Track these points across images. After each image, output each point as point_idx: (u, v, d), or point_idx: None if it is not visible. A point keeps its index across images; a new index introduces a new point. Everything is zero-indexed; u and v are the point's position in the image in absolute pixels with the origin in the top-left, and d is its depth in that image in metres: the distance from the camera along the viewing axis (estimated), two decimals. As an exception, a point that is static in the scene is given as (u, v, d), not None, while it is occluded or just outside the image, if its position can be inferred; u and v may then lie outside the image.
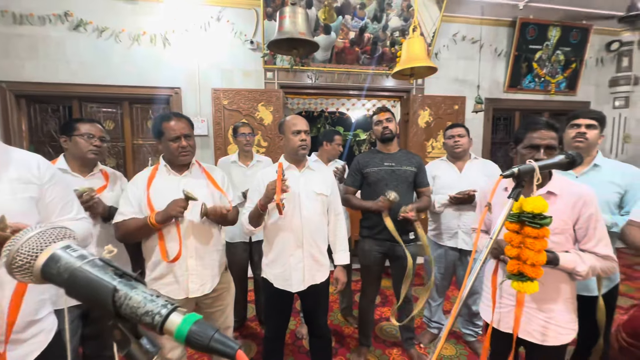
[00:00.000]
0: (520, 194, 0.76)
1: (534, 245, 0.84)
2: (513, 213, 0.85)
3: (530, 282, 0.87)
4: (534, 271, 0.86)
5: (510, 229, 0.89)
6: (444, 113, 3.86)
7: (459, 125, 2.04)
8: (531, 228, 0.85)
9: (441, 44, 3.78)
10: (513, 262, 0.90)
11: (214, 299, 1.43)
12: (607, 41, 4.12)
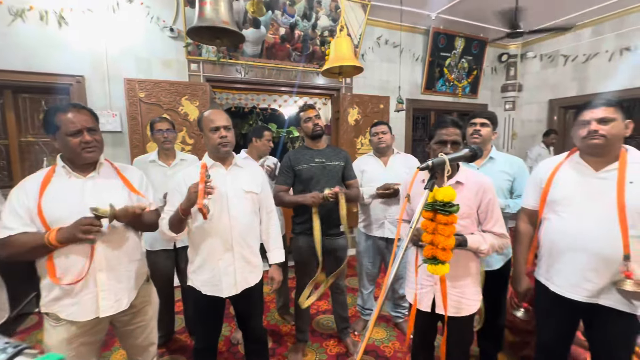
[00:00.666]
0: (434, 184, 0.85)
1: (444, 231, 0.94)
2: (428, 202, 0.94)
3: (442, 265, 0.97)
4: (444, 254, 0.96)
5: (426, 217, 0.98)
6: (371, 111, 4.09)
7: (382, 123, 2.18)
8: (442, 215, 0.94)
9: (367, 46, 3.99)
10: (428, 248, 0.99)
11: (133, 314, 1.27)
12: (499, 53, 4.86)
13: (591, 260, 1.19)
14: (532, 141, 4.75)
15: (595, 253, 1.18)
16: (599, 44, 3.94)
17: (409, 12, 3.82)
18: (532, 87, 4.74)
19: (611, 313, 1.18)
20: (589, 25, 3.98)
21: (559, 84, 4.38)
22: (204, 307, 1.39)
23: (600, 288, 1.18)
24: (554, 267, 1.30)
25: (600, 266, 1.17)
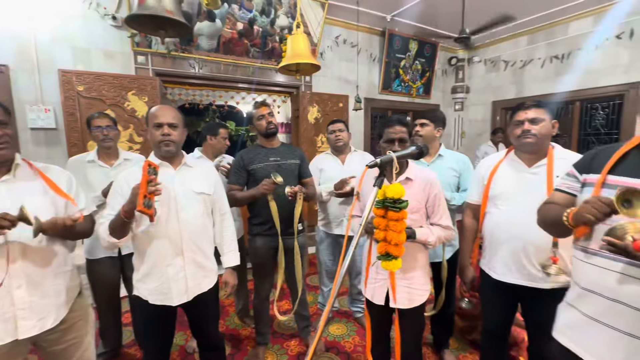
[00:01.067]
0: (383, 182, 0.86)
1: (396, 227, 0.98)
2: (379, 200, 0.96)
3: (395, 260, 1.00)
4: (397, 250, 1.00)
5: (378, 214, 1.00)
6: (330, 110, 4.12)
7: (338, 121, 2.20)
8: (393, 211, 0.97)
9: (325, 45, 4.01)
10: (381, 244, 1.02)
11: (63, 332, 1.13)
12: (448, 57, 5.16)
13: (526, 248, 1.31)
14: (479, 139, 5.13)
15: (529, 241, 1.30)
16: (533, 51, 4.35)
17: (365, 13, 3.90)
18: (478, 90, 5.10)
19: (546, 294, 1.30)
20: (525, 34, 4.38)
21: (501, 86, 4.77)
22: (153, 318, 1.30)
23: (535, 273, 1.30)
24: (495, 256, 1.41)
25: (534, 253, 1.29)
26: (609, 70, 3.66)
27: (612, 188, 0.85)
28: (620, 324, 0.81)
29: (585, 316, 0.89)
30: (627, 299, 0.79)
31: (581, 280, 0.91)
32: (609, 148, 0.94)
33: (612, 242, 0.71)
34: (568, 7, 3.73)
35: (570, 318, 0.94)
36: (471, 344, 2.06)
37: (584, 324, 0.89)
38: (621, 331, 0.81)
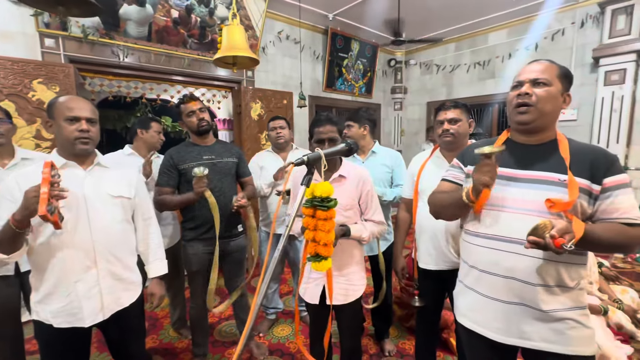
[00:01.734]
0: (310, 180, 0.84)
1: (324, 227, 0.95)
2: (308, 199, 0.94)
3: (325, 261, 0.98)
4: (326, 250, 0.97)
5: (307, 214, 0.97)
6: (274, 107, 4.03)
7: (279, 118, 2.15)
8: (321, 211, 0.95)
9: (268, 40, 3.91)
10: (310, 245, 0.99)
11: None
12: (388, 58, 5.42)
13: (447, 238, 1.42)
14: (417, 137, 5.48)
15: (448, 231, 1.42)
16: (460, 57, 4.77)
17: (308, 11, 3.89)
18: (414, 91, 5.45)
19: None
20: (453, 41, 4.79)
21: (434, 88, 5.16)
22: (59, 344, 1.11)
23: (454, 259, 1.42)
24: (422, 246, 1.51)
25: (452, 241, 1.42)
26: (520, 77, 4.17)
27: (497, 178, 0.95)
28: (514, 298, 0.92)
29: (483, 296, 0.99)
30: (520, 275, 0.91)
31: (478, 263, 1.00)
32: (485, 142, 1.09)
33: (535, 242, 0.79)
34: (486, 20, 4.16)
35: (469, 300, 1.04)
36: (409, 330, 2.19)
37: (483, 303, 0.99)
38: (514, 303, 0.93)
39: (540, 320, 0.91)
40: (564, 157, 0.90)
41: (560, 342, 0.89)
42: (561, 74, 0.94)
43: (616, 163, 0.89)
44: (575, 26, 3.65)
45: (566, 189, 0.86)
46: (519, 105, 0.94)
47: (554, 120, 0.96)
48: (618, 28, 3.21)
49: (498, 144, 1.01)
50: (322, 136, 1.31)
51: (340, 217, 1.31)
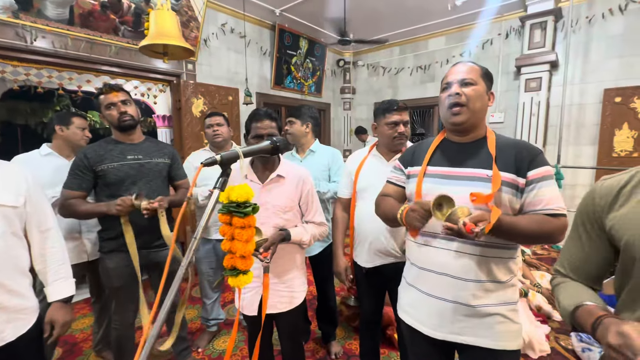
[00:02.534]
0: (226, 182, 0.73)
1: (241, 236, 0.84)
2: (224, 204, 0.83)
3: (243, 275, 0.87)
4: (244, 263, 0.86)
5: (223, 221, 0.86)
6: (219, 103, 3.81)
7: (216, 114, 1.99)
8: (237, 218, 0.83)
9: (210, 31, 3.67)
10: (227, 257, 0.88)
11: None
12: (337, 59, 5.46)
13: (387, 235, 1.42)
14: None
15: (388, 228, 1.41)
16: (403, 61, 4.98)
17: (253, 4, 3.74)
18: (362, 91, 5.57)
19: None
20: (397, 44, 4.98)
21: (380, 90, 5.32)
22: None
23: (397, 256, 1.42)
24: (363, 246, 1.50)
25: (393, 238, 1.42)
26: (457, 82, 4.48)
27: (431, 177, 1.01)
28: (448, 294, 0.95)
29: (422, 292, 1.02)
30: (452, 271, 0.94)
31: (418, 260, 1.04)
32: (423, 143, 1.12)
33: (449, 227, 0.82)
34: (427, 26, 4.40)
35: (410, 297, 1.07)
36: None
37: (421, 300, 1.02)
38: (448, 300, 0.95)
39: (471, 316, 0.94)
40: (492, 153, 0.93)
41: (489, 337, 0.93)
42: (483, 74, 0.99)
43: (539, 156, 0.92)
44: (501, 37, 4.02)
45: (491, 183, 0.90)
46: (451, 105, 0.97)
47: (483, 118, 1.00)
48: (535, 41, 3.60)
49: (435, 144, 1.06)
50: (261, 131, 1.22)
51: (279, 220, 1.24)
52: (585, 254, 0.70)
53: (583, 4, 3.46)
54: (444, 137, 1.07)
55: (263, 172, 1.27)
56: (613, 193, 0.64)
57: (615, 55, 3.35)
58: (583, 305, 0.62)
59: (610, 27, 3.38)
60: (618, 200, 0.63)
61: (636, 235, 0.57)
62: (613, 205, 0.64)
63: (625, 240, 0.59)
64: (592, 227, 0.68)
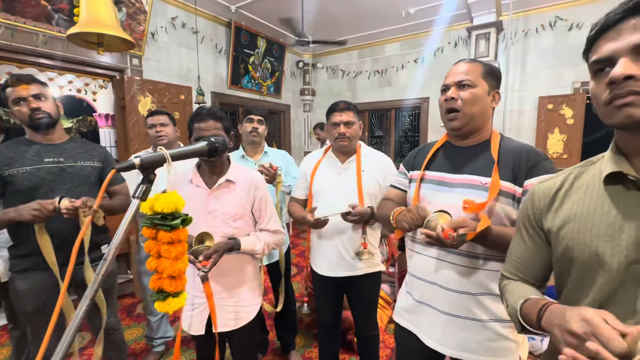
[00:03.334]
0: (148, 191, 0.61)
1: (169, 253, 0.72)
2: (147, 216, 0.72)
3: (173, 299, 0.74)
4: (174, 284, 0.73)
5: (148, 236, 0.73)
6: (169, 102, 3.56)
7: (160, 113, 1.82)
8: (164, 232, 0.71)
9: (159, 25, 3.42)
10: (153, 278, 0.75)
11: None
12: (296, 60, 5.41)
13: (342, 238, 1.39)
14: (326, 139, 5.62)
15: (344, 232, 1.39)
16: (362, 64, 5.07)
17: (206, -2, 3.56)
18: (322, 93, 5.57)
19: (364, 278, 1.43)
20: (355, 48, 5.06)
21: (340, 92, 5.36)
22: None
23: (351, 261, 1.40)
24: (319, 252, 1.46)
25: (349, 242, 1.39)
26: (411, 86, 4.66)
27: (429, 182, 0.97)
28: (439, 304, 0.93)
29: (415, 300, 1.00)
30: (441, 281, 0.92)
31: (410, 267, 1.03)
32: (426, 147, 1.08)
33: (427, 234, 0.79)
34: (383, 32, 4.52)
35: (405, 302, 1.06)
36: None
37: (415, 306, 1.01)
38: (439, 310, 0.93)
39: (462, 329, 0.90)
40: (494, 158, 0.88)
41: (481, 354, 0.89)
42: (486, 73, 0.92)
43: (542, 163, 0.84)
44: (451, 45, 4.26)
45: (487, 192, 0.84)
46: (447, 111, 0.92)
47: (486, 121, 0.94)
48: (480, 50, 3.85)
49: (436, 147, 1.02)
50: (204, 133, 1.11)
51: (229, 229, 1.14)
52: (529, 255, 0.70)
53: (520, 18, 3.79)
54: (446, 139, 1.02)
55: (210, 176, 1.16)
56: (550, 195, 0.65)
57: (548, 66, 3.71)
58: (529, 299, 0.62)
59: (542, 41, 3.73)
60: (555, 202, 0.64)
61: (572, 239, 0.59)
62: (550, 207, 0.65)
63: (565, 244, 0.60)
64: (533, 229, 0.69)
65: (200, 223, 1.08)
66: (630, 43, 0.47)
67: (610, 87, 0.49)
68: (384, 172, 1.41)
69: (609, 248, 0.54)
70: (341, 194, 1.37)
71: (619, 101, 0.49)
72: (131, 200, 0.97)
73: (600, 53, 0.51)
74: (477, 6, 3.57)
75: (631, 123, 0.49)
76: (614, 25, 0.50)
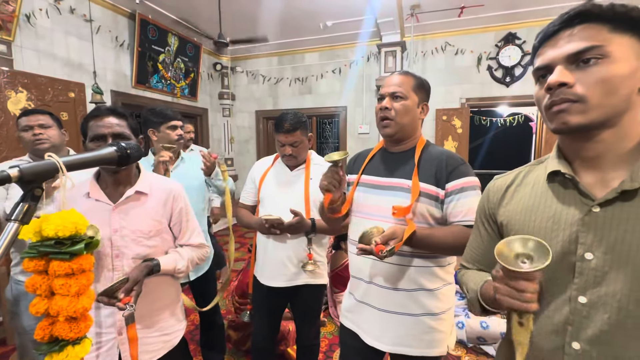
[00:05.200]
0: (31, 211, 0.46)
1: (67, 289, 0.56)
2: (32, 243, 0.57)
3: (74, 347, 0.57)
4: (74, 328, 0.57)
5: (33, 270, 0.56)
6: (54, 100, 2.96)
7: (38, 112, 1.46)
8: (59, 262, 0.55)
9: (36, 6, 2.82)
10: (43, 325, 0.57)
11: None
12: (213, 62, 5.12)
13: (287, 248, 1.36)
14: (247, 145, 5.45)
15: (288, 239, 1.37)
16: (282, 71, 5.10)
17: (102, -17, 3.09)
18: (242, 98, 5.40)
19: (308, 288, 1.43)
20: (276, 55, 5.07)
21: (261, 98, 5.28)
22: None
23: (296, 272, 1.37)
24: (265, 261, 1.41)
25: (293, 252, 1.37)
26: (330, 95, 4.89)
27: (363, 185, 1.05)
28: (376, 303, 1.00)
29: (356, 300, 1.06)
30: (378, 281, 0.98)
31: (351, 269, 1.09)
32: (365, 152, 1.16)
33: (362, 248, 0.84)
34: (302, 41, 4.65)
35: (349, 303, 1.11)
36: (246, 353, 2.02)
37: (357, 307, 1.06)
38: (377, 308, 0.99)
39: (399, 325, 0.97)
40: (416, 164, 0.97)
41: (415, 346, 0.97)
42: (416, 86, 1.01)
43: (459, 167, 0.93)
44: (364, 59, 4.62)
45: (410, 194, 0.93)
46: (382, 119, 1.00)
47: (415, 130, 1.03)
48: (389, 66, 4.28)
49: (373, 152, 1.10)
50: (102, 130, 0.93)
51: (142, 248, 0.98)
52: (484, 247, 0.74)
53: (419, 41, 4.35)
54: (382, 146, 1.10)
55: (115, 188, 0.98)
56: (502, 191, 0.70)
57: (441, 83, 4.34)
58: (487, 281, 0.66)
59: (436, 62, 4.36)
60: (506, 197, 0.69)
61: (518, 230, 0.64)
62: (502, 201, 0.70)
63: (514, 233, 0.65)
64: (488, 222, 0.73)
65: (103, 245, 0.91)
66: (565, 52, 0.52)
67: (549, 93, 0.54)
68: None
69: (548, 239, 0.57)
70: (287, 202, 1.34)
71: (555, 107, 0.53)
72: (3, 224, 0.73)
73: (541, 60, 0.56)
74: (385, 26, 3.96)
75: (566, 129, 0.54)
76: (553, 35, 0.54)
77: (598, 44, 0.50)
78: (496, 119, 4.32)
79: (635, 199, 0.52)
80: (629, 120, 0.53)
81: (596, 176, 0.56)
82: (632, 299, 0.51)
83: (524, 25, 3.94)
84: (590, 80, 0.51)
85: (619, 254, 0.52)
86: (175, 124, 1.61)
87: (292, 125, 1.35)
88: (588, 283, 0.54)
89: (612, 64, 0.50)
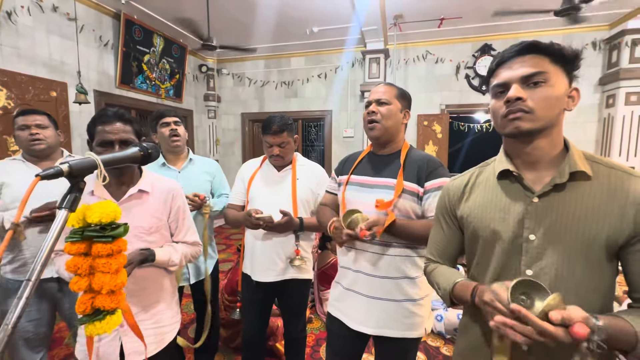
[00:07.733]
0: (77, 200, 0.54)
1: (109, 266, 0.65)
2: (76, 229, 0.64)
3: (111, 316, 0.68)
4: (114, 300, 0.67)
5: (75, 252, 0.65)
6: (35, 99, 2.91)
7: (36, 112, 1.46)
8: (102, 244, 0.65)
9: (17, 3, 2.77)
10: (84, 299, 0.67)
11: None
12: (199, 63, 5.12)
13: (276, 245, 1.43)
14: (233, 147, 5.47)
15: (276, 237, 1.44)
16: (269, 74, 5.17)
17: (87, -18, 3.06)
18: (228, 100, 5.42)
19: (295, 283, 1.49)
20: (263, 58, 5.13)
21: (247, 100, 5.32)
22: None
23: (284, 267, 1.45)
24: (253, 257, 1.47)
25: (282, 248, 1.44)
26: (316, 99, 4.99)
27: (354, 185, 1.16)
28: (362, 289, 1.11)
29: (344, 288, 1.17)
30: (365, 269, 1.10)
31: (341, 260, 1.20)
32: (354, 154, 1.28)
33: (349, 234, 0.97)
34: (288, 45, 4.73)
35: (336, 292, 1.22)
36: (236, 350, 2.07)
37: (343, 295, 1.16)
38: (363, 294, 1.11)
39: (382, 310, 1.08)
40: (400, 164, 1.10)
41: (395, 328, 1.08)
42: (399, 95, 1.14)
43: (438, 169, 1.06)
44: (349, 65, 4.76)
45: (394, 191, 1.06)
46: (369, 122, 1.11)
47: (398, 133, 1.15)
48: (372, 72, 4.44)
49: (362, 155, 1.22)
50: (111, 137, 0.98)
51: (142, 243, 1.04)
52: (446, 240, 0.86)
53: (402, 49, 4.53)
54: (370, 150, 1.23)
55: (118, 186, 1.04)
56: (461, 189, 0.82)
57: (422, 90, 4.54)
58: (457, 282, 0.78)
59: (418, 69, 4.56)
60: (464, 195, 0.81)
61: (477, 222, 0.77)
62: (461, 199, 0.81)
63: (472, 226, 0.79)
64: (448, 217, 0.85)
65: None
66: (519, 74, 0.66)
67: (507, 105, 0.67)
68: (317, 180, 1.52)
69: (501, 226, 0.71)
70: (275, 202, 1.41)
71: (511, 115, 0.67)
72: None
73: (499, 79, 0.69)
74: (369, 34, 4.11)
75: (518, 132, 0.67)
76: (508, 60, 0.68)
77: (543, 70, 0.65)
78: (474, 125, 4.54)
79: (563, 192, 0.66)
80: (557, 132, 0.69)
81: (534, 175, 0.71)
82: (565, 268, 0.65)
83: (499, 37, 4.20)
84: (537, 97, 0.65)
85: (553, 233, 0.66)
86: (166, 121, 1.64)
87: (280, 127, 1.42)
88: (532, 258, 0.68)
89: (552, 87, 0.65)
